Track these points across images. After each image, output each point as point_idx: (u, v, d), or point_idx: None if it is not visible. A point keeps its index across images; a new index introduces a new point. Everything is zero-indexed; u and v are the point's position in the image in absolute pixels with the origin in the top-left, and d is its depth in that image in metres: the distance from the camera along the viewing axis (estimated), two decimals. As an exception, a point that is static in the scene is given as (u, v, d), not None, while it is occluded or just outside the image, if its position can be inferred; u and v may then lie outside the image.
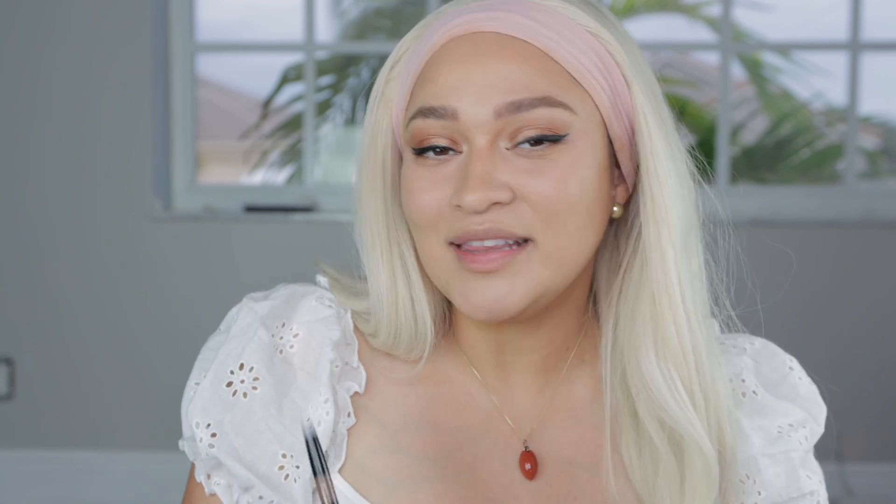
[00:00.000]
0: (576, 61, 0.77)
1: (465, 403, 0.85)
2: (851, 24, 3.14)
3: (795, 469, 0.86)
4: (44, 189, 3.09)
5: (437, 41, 0.78)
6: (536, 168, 0.75)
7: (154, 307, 3.10)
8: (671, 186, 0.78)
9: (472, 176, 0.74)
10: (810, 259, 3.02)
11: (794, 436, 0.86)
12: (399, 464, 0.81)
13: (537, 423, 0.85)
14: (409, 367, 0.85)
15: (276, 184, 4.98)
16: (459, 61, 0.76)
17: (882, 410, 3.00)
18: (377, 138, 0.83)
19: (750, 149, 5.11)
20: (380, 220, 0.83)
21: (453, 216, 0.76)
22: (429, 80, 0.77)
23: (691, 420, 0.78)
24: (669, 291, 0.78)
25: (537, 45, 0.76)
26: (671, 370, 0.78)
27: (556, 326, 0.84)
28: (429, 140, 0.77)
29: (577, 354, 0.86)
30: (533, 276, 0.76)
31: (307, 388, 0.81)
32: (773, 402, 0.87)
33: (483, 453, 0.83)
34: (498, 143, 0.76)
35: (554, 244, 0.76)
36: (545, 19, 0.77)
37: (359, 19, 5.13)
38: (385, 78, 0.83)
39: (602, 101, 0.78)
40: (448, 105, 0.76)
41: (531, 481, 0.83)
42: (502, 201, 0.74)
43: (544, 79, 0.75)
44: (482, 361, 0.85)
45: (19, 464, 3.10)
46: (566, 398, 0.86)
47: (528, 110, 0.75)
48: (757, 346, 0.90)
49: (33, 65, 3.07)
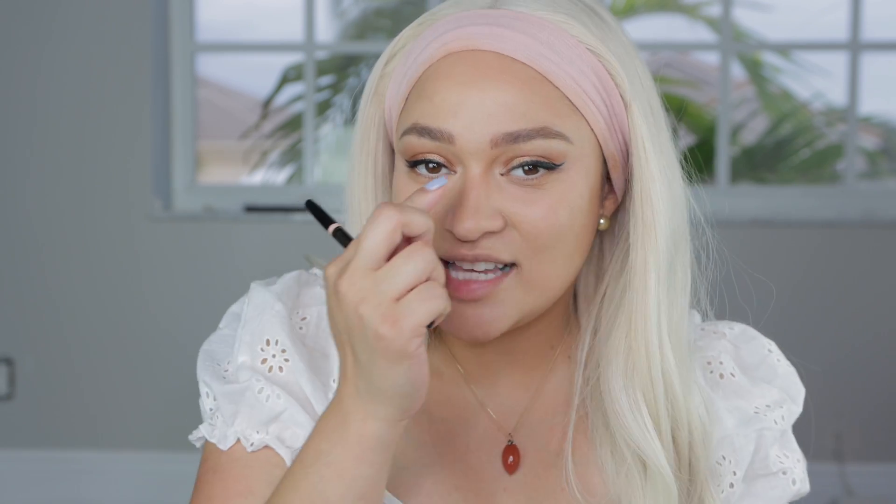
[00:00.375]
0: (575, 85, 0.76)
1: (454, 395, 0.86)
2: (851, 24, 3.14)
3: (767, 446, 0.86)
4: (44, 189, 3.09)
5: (434, 53, 0.77)
6: (529, 197, 0.75)
7: (154, 307, 3.10)
8: (663, 212, 0.78)
9: (467, 206, 0.74)
10: (810, 259, 3.02)
11: (769, 415, 0.86)
12: (403, 447, 0.81)
13: (523, 418, 0.85)
14: None
15: (276, 184, 4.98)
16: (458, 82, 0.75)
17: (882, 410, 3.00)
18: (369, 133, 0.83)
19: (750, 149, 5.11)
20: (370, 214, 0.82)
21: (443, 237, 0.75)
22: (424, 97, 0.76)
23: (652, 446, 0.79)
24: (646, 319, 0.78)
25: (537, 69, 0.75)
26: (637, 395, 0.79)
27: (540, 330, 0.84)
28: (422, 156, 0.76)
29: (563, 351, 0.87)
30: (516, 303, 0.76)
31: (323, 366, 0.82)
32: (750, 385, 0.87)
33: (472, 444, 0.84)
34: (493, 170, 0.75)
35: (539, 271, 0.76)
36: (547, 38, 0.75)
37: (359, 19, 5.13)
38: (379, 73, 0.82)
39: (598, 124, 0.77)
40: (444, 129, 0.75)
41: (513, 475, 0.84)
42: (494, 230, 0.74)
43: (542, 107, 0.75)
44: (465, 358, 0.86)
45: (19, 464, 3.10)
46: (553, 394, 0.86)
47: (525, 141, 0.74)
48: (736, 331, 0.90)
49: (33, 65, 3.07)
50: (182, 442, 1.08)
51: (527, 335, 0.84)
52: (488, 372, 0.85)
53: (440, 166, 0.76)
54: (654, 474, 0.79)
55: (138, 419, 3.10)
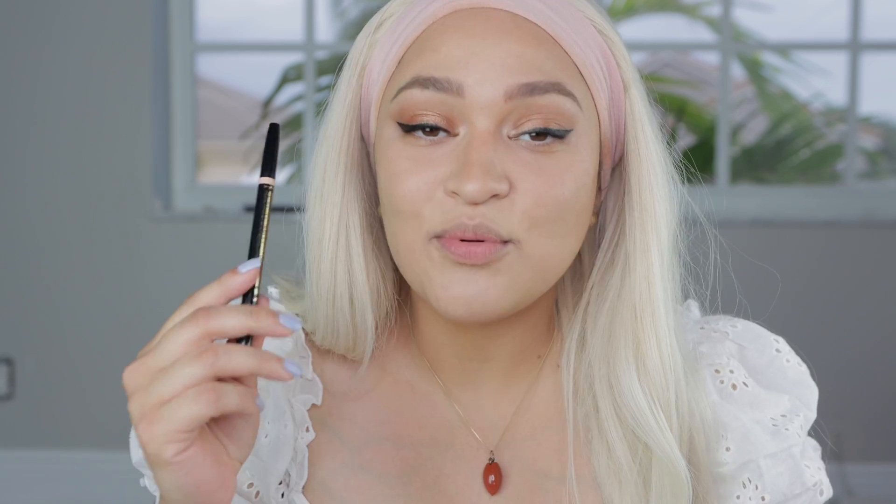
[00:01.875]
0: (583, 55, 0.73)
1: (428, 414, 0.80)
2: (851, 24, 3.14)
3: (798, 465, 0.80)
4: (44, 189, 3.09)
5: (438, 10, 0.72)
6: (537, 163, 0.70)
7: (154, 307, 3.09)
8: (662, 199, 0.75)
9: (475, 162, 0.68)
10: (810, 259, 3.02)
11: (791, 428, 0.80)
12: (362, 483, 0.77)
13: (506, 434, 0.80)
14: (365, 375, 0.80)
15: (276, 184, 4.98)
16: (468, 34, 0.70)
17: (882, 410, 3.00)
18: (347, 111, 0.77)
19: (750, 149, 5.11)
20: (336, 203, 0.77)
21: (444, 203, 0.70)
22: (429, 49, 0.71)
23: (668, 440, 0.74)
24: (654, 306, 0.74)
25: (549, 32, 0.71)
26: (651, 388, 0.75)
27: (524, 332, 0.79)
28: (421, 116, 0.70)
29: (551, 361, 0.82)
30: (514, 277, 0.70)
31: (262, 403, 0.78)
32: (764, 394, 0.81)
33: (448, 467, 0.79)
34: (501, 129, 0.70)
35: (536, 247, 0.71)
36: (557, 6, 0.72)
37: (359, 19, 5.13)
38: (366, 42, 0.76)
39: (601, 101, 0.74)
40: (454, 78, 0.69)
41: (496, 495, 0.78)
42: (501, 193, 0.69)
43: (556, 65, 0.71)
44: (446, 369, 0.80)
45: (19, 464, 3.10)
46: (537, 406, 0.81)
47: (541, 95, 0.69)
48: (740, 329, 0.83)
49: (33, 65, 3.07)
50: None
51: (510, 338, 0.78)
52: (470, 383, 0.80)
53: (438, 130, 0.70)
54: (660, 473, 0.74)
55: (138, 419, 3.10)
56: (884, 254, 3.05)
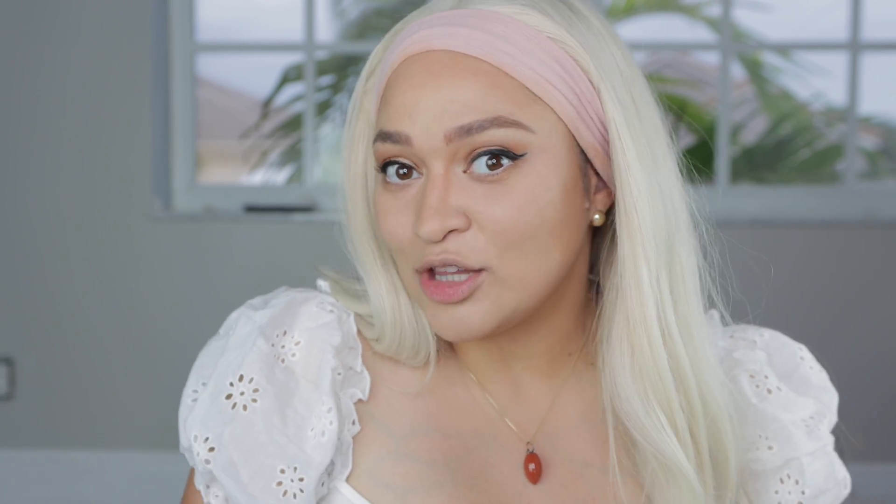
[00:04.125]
0: (534, 74, 0.74)
1: (470, 408, 0.83)
2: (851, 24, 3.14)
3: (832, 461, 0.87)
4: (44, 189, 3.09)
5: (395, 60, 0.77)
6: (493, 194, 0.73)
7: (154, 307, 3.10)
8: (645, 199, 0.75)
9: (427, 206, 0.73)
10: (810, 259, 3.02)
11: (822, 429, 0.87)
12: (408, 469, 0.80)
13: (543, 426, 0.83)
14: (414, 372, 0.84)
15: (276, 184, 4.98)
16: (412, 84, 0.75)
17: (882, 410, 3.00)
18: (358, 149, 0.83)
19: (750, 149, 5.11)
20: (367, 231, 0.83)
21: (416, 244, 0.75)
22: (386, 103, 0.76)
23: (671, 446, 0.76)
24: (644, 311, 0.76)
25: (491, 62, 0.73)
26: (649, 394, 0.77)
27: (548, 333, 0.82)
28: (391, 159, 0.76)
29: (583, 358, 0.85)
30: (494, 300, 0.74)
31: (310, 397, 0.79)
32: (794, 397, 0.88)
33: (492, 458, 0.82)
34: (454, 167, 0.74)
35: (511, 269, 0.74)
36: (502, 31, 0.74)
37: (359, 19, 5.13)
38: (361, 90, 0.82)
39: (566, 112, 0.75)
40: (402, 131, 0.74)
41: (540, 484, 0.81)
42: (458, 228, 0.73)
43: (497, 97, 0.73)
44: (480, 367, 0.84)
45: (19, 464, 3.10)
46: (576, 400, 0.84)
47: (479, 133, 0.72)
48: (767, 338, 0.90)
49: (33, 65, 3.07)
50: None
51: (535, 339, 0.82)
52: (504, 380, 0.84)
53: (410, 169, 0.76)
54: (674, 474, 0.77)
55: (138, 419, 3.10)
56: (884, 254, 3.05)
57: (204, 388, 0.80)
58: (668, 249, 0.76)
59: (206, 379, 0.80)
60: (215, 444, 0.77)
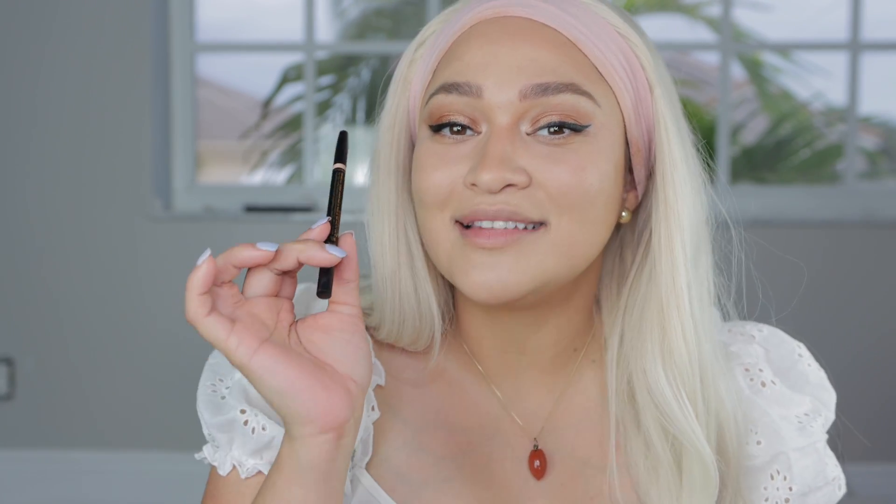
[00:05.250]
0: (603, 57, 0.76)
1: (475, 402, 0.84)
2: (851, 24, 3.14)
3: (822, 459, 0.85)
4: (44, 189, 3.09)
5: (466, 22, 0.78)
6: (555, 155, 0.74)
7: (154, 307, 3.10)
8: (686, 196, 0.78)
9: (490, 155, 0.73)
10: (810, 259, 3.02)
11: (814, 425, 0.86)
12: (422, 462, 0.81)
13: (548, 422, 0.84)
14: (420, 367, 0.85)
15: (276, 184, 4.98)
16: (488, 40, 0.76)
17: (882, 410, 3.00)
18: (396, 120, 0.83)
19: (750, 149, 5.11)
20: (391, 203, 0.82)
21: (464, 195, 0.75)
22: (455, 58, 0.77)
23: (694, 429, 0.78)
24: (678, 298, 0.78)
25: (567, 35, 0.76)
26: (676, 379, 0.78)
27: (560, 326, 0.83)
28: (448, 116, 0.76)
29: (587, 356, 0.86)
30: (539, 261, 0.74)
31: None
32: (789, 393, 0.87)
33: (496, 453, 0.83)
34: (519, 126, 0.75)
35: (567, 230, 0.75)
36: (576, 12, 0.77)
37: (359, 19, 5.13)
38: (409, 59, 0.82)
39: (625, 101, 0.78)
40: (473, 82, 0.75)
41: (542, 480, 0.82)
42: (518, 184, 0.73)
43: (572, 67, 0.75)
44: (487, 360, 0.84)
45: (19, 464, 3.10)
46: (578, 399, 0.85)
47: (554, 94, 0.74)
48: (765, 334, 0.90)
49: (33, 65, 3.07)
50: (182, 442, 1.08)
51: (546, 331, 0.83)
52: (510, 373, 0.84)
53: (464, 129, 0.76)
54: (690, 462, 0.78)
55: (138, 419, 3.10)
56: (884, 254, 3.05)
57: (221, 383, 0.81)
58: (697, 248, 0.79)
59: (223, 375, 0.82)
60: (246, 407, 0.79)
